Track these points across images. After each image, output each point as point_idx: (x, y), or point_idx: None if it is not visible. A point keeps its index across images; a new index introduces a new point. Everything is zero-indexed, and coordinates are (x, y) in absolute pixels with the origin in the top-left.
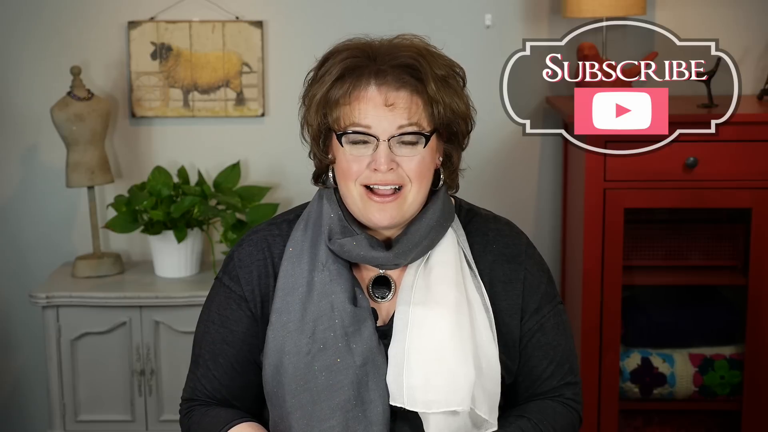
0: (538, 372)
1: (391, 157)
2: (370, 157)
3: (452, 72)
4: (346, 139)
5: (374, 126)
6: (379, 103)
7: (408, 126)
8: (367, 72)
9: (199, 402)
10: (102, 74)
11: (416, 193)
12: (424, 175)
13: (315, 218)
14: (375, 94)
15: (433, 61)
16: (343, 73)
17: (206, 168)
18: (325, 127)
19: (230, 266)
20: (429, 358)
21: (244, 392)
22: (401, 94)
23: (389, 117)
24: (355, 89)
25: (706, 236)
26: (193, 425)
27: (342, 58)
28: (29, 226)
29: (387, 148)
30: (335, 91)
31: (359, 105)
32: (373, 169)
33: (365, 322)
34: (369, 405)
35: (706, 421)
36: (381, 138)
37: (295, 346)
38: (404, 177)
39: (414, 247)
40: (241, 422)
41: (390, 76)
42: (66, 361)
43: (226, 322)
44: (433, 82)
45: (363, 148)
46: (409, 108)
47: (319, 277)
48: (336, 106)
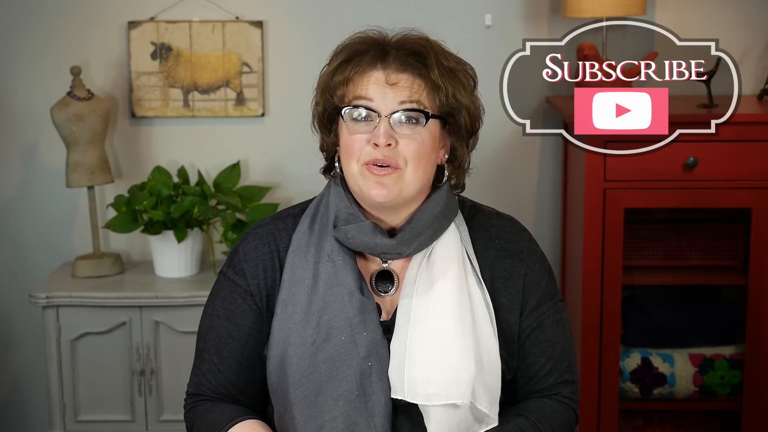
0: (535, 369)
1: (390, 133)
2: (371, 135)
3: (462, 68)
4: (349, 115)
5: (376, 100)
6: (382, 80)
7: (409, 103)
8: (372, 54)
9: (203, 397)
10: (102, 74)
11: (413, 175)
12: (422, 157)
13: (322, 211)
14: (380, 73)
15: (442, 53)
16: (350, 56)
17: (206, 168)
18: (331, 107)
19: (235, 260)
20: (430, 351)
21: (249, 387)
22: (404, 75)
23: (391, 94)
24: (359, 68)
25: (706, 236)
26: (197, 420)
27: (352, 45)
28: (29, 226)
29: (387, 123)
30: (340, 74)
31: (362, 80)
32: (373, 144)
33: (370, 314)
34: (371, 397)
35: (706, 421)
36: (382, 113)
37: (300, 336)
38: (401, 157)
39: (417, 236)
40: (245, 419)
41: (395, 59)
42: (66, 361)
43: (231, 316)
44: (437, 68)
45: (365, 125)
46: (411, 87)
47: (324, 268)
48: (340, 85)
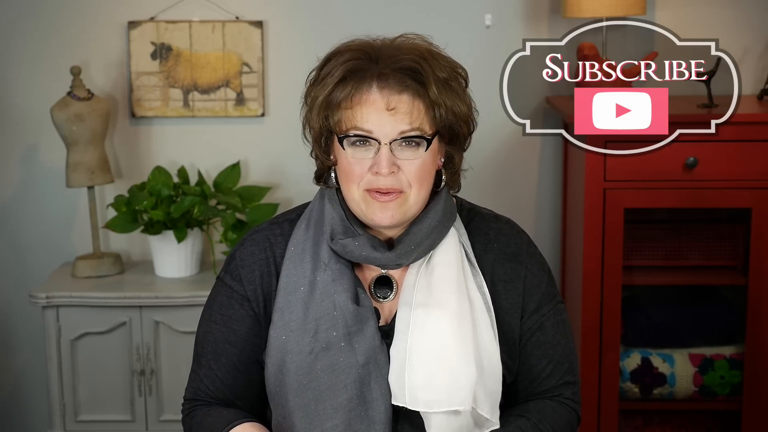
0: (537, 371)
1: (392, 161)
2: (372, 160)
3: (454, 74)
4: (348, 141)
5: (376, 131)
6: (381, 107)
7: (410, 131)
8: (369, 75)
9: (201, 402)
10: (102, 74)
11: (417, 196)
12: (424, 178)
13: (317, 218)
14: (377, 97)
15: (435, 64)
16: (345, 75)
17: (206, 168)
18: (327, 130)
19: (232, 266)
20: (431, 357)
21: (246, 391)
22: (403, 98)
23: (391, 121)
24: (357, 92)
25: (706, 236)
26: (195, 425)
27: (344, 59)
28: (29, 226)
29: (388, 151)
30: (337, 94)
31: (361, 109)
32: (374, 173)
33: (368, 322)
34: (371, 404)
35: (706, 421)
36: (382, 141)
37: (297, 345)
38: (404, 182)
39: (416, 247)
40: (243, 422)
41: (392, 79)
42: (66, 361)
43: (228, 322)
44: (434, 85)
45: (364, 150)
46: (410, 113)
47: (321, 276)
48: (338, 109)
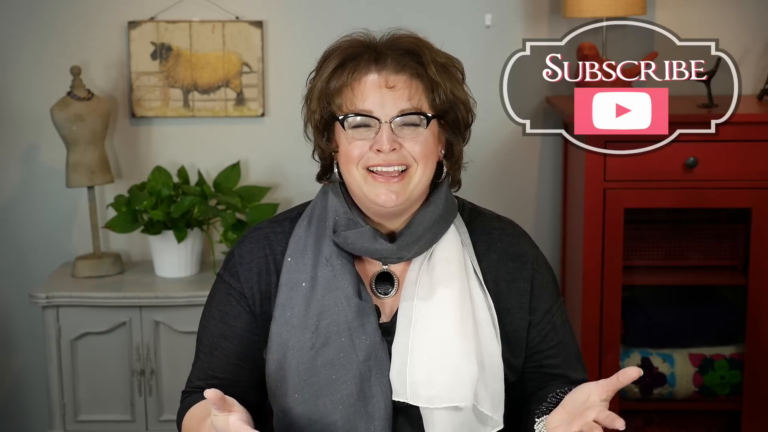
0: (550, 370)
1: (393, 138)
2: (373, 140)
3: (452, 64)
4: (348, 123)
5: (376, 110)
6: (380, 85)
7: (410, 109)
8: (366, 57)
9: (193, 392)
10: (102, 74)
11: (421, 174)
12: (429, 156)
13: (319, 214)
14: (375, 77)
15: (433, 50)
16: (344, 61)
17: (206, 168)
18: (328, 115)
19: (231, 263)
20: (432, 354)
21: (237, 386)
22: (401, 77)
23: (390, 100)
24: (356, 74)
25: (706, 236)
26: (180, 413)
27: (342, 49)
28: (29, 226)
29: (389, 129)
30: (336, 80)
31: (360, 88)
32: (375, 150)
33: (368, 318)
34: (371, 400)
35: (706, 421)
36: (383, 120)
37: (298, 341)
38: (409, 157)
39: (417, 240)
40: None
41: (390, 59)
42: (66, 361)
43: (224, 318)
44: (433, 65)
45: (365, 131)
46: (409, 89)
47: (322, 272)
48: (337, 93)
